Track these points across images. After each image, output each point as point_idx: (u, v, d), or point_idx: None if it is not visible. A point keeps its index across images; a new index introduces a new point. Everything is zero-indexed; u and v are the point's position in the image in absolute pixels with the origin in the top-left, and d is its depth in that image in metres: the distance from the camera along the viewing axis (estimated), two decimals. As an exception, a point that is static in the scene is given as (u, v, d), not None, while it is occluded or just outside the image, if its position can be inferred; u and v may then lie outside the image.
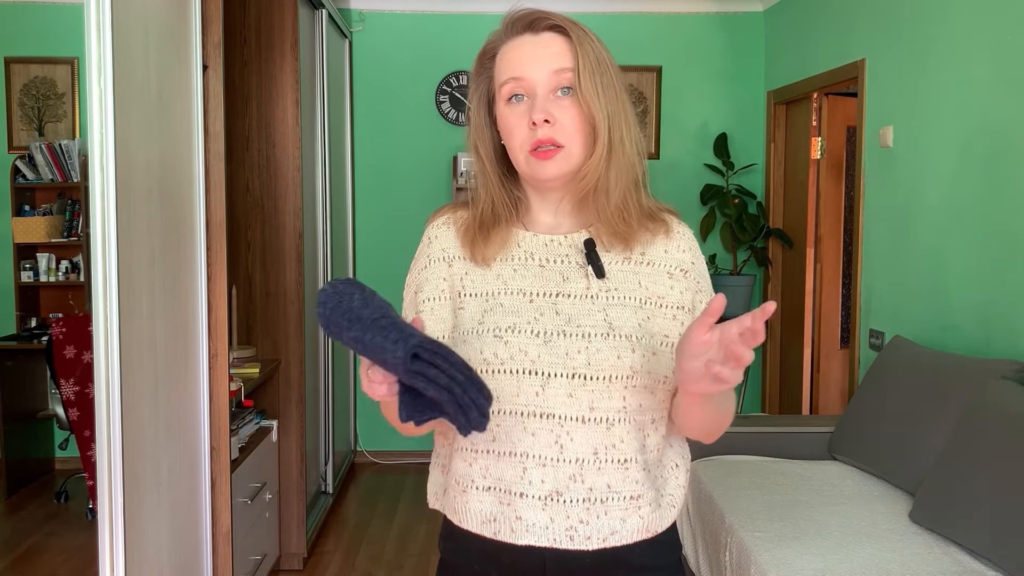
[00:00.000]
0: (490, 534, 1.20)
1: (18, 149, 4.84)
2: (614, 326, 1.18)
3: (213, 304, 2.49)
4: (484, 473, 1.20)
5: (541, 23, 1.20)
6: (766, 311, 0.94)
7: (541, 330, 1.18)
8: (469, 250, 1.25)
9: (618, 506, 1.19)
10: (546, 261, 1.23)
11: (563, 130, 1.17)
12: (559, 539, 1.18)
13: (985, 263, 2.87)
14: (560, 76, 1.17)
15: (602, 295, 1.20)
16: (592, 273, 1.21)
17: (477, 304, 1.22)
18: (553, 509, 1.17)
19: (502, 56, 1.21)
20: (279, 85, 3.44)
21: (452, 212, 1.31)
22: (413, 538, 3.90)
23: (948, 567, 2.17)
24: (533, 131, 1.17)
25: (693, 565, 2.86)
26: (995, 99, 2.82)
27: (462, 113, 4.95)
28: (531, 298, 1.21)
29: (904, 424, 2.72)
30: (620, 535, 1.19)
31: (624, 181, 1.21)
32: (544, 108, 1.16)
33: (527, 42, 1.20)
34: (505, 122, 1.20)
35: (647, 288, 1.22)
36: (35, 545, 3.80)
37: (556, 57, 1.18)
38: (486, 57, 1.25)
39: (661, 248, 1.25)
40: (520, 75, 1.18)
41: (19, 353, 4.45)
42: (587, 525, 1.18)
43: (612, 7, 4.82)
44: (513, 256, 1.24)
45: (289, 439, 3.51)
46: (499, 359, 1.17)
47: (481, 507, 1.20)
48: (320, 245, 4.01)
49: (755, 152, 4.95)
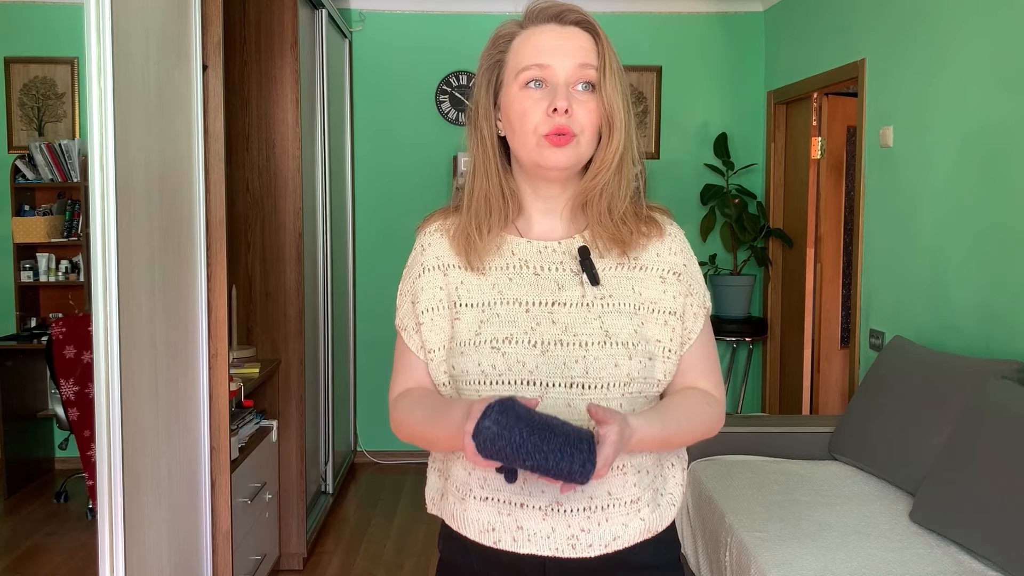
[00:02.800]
0: (490, 543, 1.19)
1: (18, 149, 4.84)
2: (610, 334, 1.17)
3: (213, 304, 2.49)
4: (483, 484, 1.19)
5: (570, 15, 1.19)
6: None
7: (538, 340, 1.17)
8: (464, 256, 1.24)
9: (619, 512, 1.19)
10: (541, 269, 1.23)
11: (578, 121, 1.17)
12: (561, 548, 1.17)
13: (985, 263, 2.87)
14: (584, 71, 1.17)
15: (597, 303, 1.20)
16: (587, 280, 1.21)
17: (473, 315, 1.21)
18: (554, 519, 1.17)
19: (524, 40, 1.20)
20: (279, 85, 3.44)
21: (443, 219, 1.30)
22: (413, 538, 3.90)
23: (948, 567, 2.17)
24: (551, 118, 1.16)
25: (693, 565, 2.86)
26: (995, 99, 2.82)
27: (462, 113, 4.95)
28: (527, 307, 1.20)
29: (904, 424, 2.72)
30: (622, 539, 1.19)
31: (629, 185, 1.22)
32: (567, 97, 1.16)
33: (553, 31, 1.19)
34: (518, 106, 1.18)
35: (640, 294, 1.22)
36: (35, 545, 3.80)
37: (581, 51, 1.18)
38: (500, 41, 1.23)
39: (654, 252, 1.24)
40: (545, 62, 1.17)
41: (19, 353, 4.44)
42: (589, 533, 1.17)
43: (612, 7, 4.82)
44: (508, 264, 1.23)
45: (289, 439, 3.51)
46: (497, 371, 1.17)
47: (479, 516, 1.20)
48: (320, 245, 4.01)
49: (755, 152, 4.95)
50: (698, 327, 1.25)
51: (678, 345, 1.22)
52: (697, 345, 1.25)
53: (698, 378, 1.25)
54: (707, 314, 1.27)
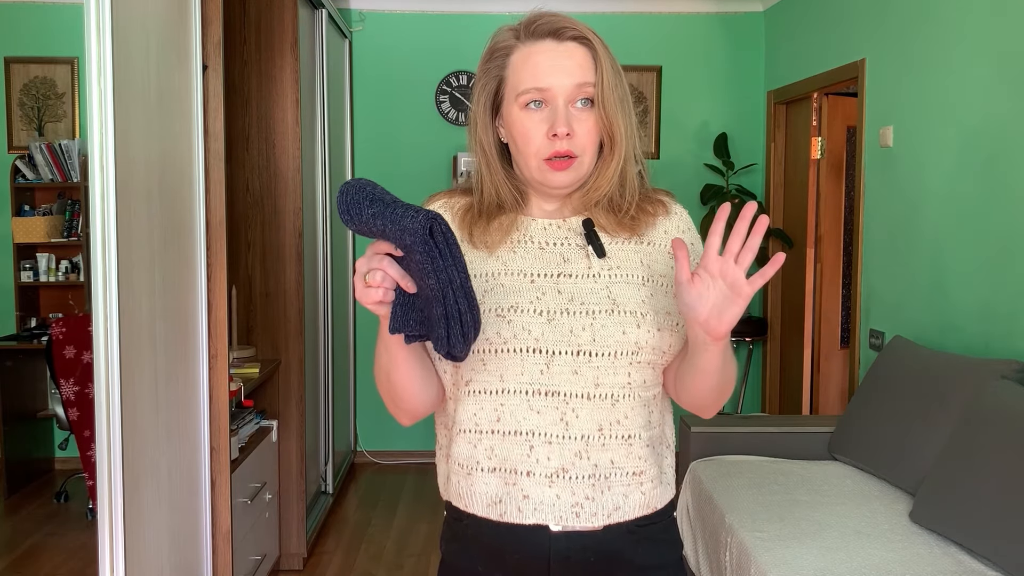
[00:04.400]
0: (496, 516, 1.20)
1: (18, 149, 4.84)
2: (618, 302, 1.19)
3: (213, 304, 2.49)
4: (489, 454, 1.20)
5: (566, 32, 1.19)
6: (758, 226, 1.14)
7: (544, 309, 1.18)
8: (468, 234, 1.25)
9: (621, 482, 1.20)
10: (546, 244, 1.24)
11: (579, 142, 1.18)
12: (565, 516, 1.18)
13: (985, 263, 2.87)
14: (582, 90, 1.18)
15: (604, 273, 1.21)
16: (593, 253, 1.22)
17: (477, 285, 1.21)
18: (559, 486, 1.18)
19: (523, 60, 1.20)
20: (279, 85, 3.44)
21: (448, 197, 1.31)
22: (413, 538, 3.90)
23: (948, 567, 2.17)
24: (551, 142, 1.17)
25: (693, 565, 2.86)
26: (995, 99, 2.82)
27: (462, 113, 4.95)
28: (532, 278, 1.21)
29: (904, 424, 2.72)
30: (623, 511, 1.20)
31: (633, 188, 1.24)
32: (566, 121, 1.17)
33: (550, 49, 1.19)
34: (520, 127, 1.19)
35: (649, 267, 1.23)
36: (35, 545, 3.80)
37: (579, 69, 1.18)
38: (496, 54, 1.23)
39: (661, 229, 1.26)
40: (543, 85, 1.17)
41: (19, 353, 4.44)
42: (592, 501, 1.18)
43: (612, 7, 4.82)
44: (512, 239, 1.24)
45: (289, 439, 3.51)
46: (502, 338, 1.17)
47: (487, 489, 1.20)
48: (320, 245, 4.01)
49: (755, 152, 4.96)
50: None
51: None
52: None
53: None
54: None
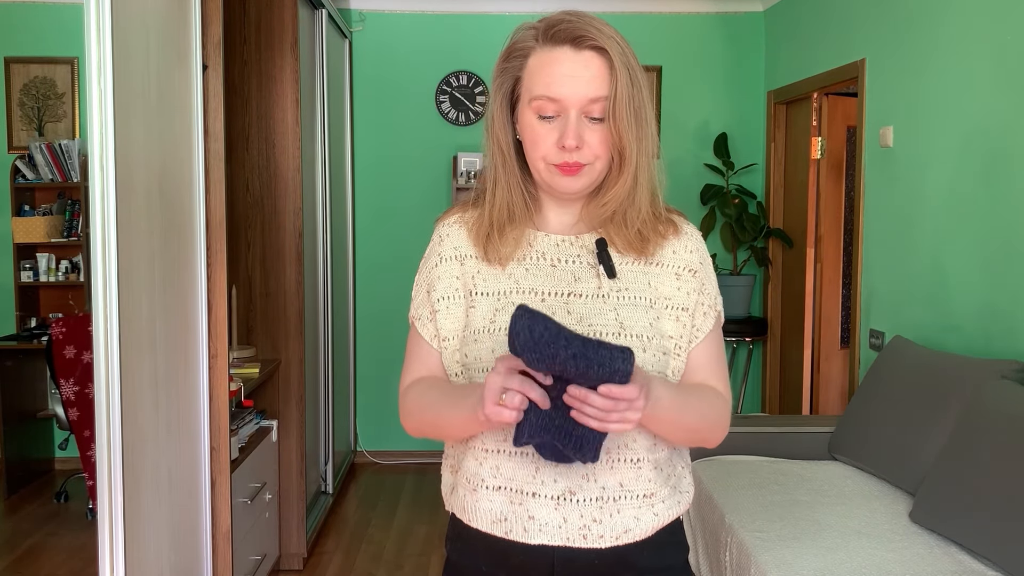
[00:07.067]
0: (501, 533, 1.19)
1: (18, 149, 4.84)
2: (625, 326, 1.18)
3: (213, 304, 2.49)
4: (495, 473, 1.19)
5: (585, 41, 1.16)
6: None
7: None
8: (482, 249, 1.24)
9: (631, 504, 1.19)
10: (558, 261, 1.24)
11: (590, 151, 1.17)
12: (572, 538, 1.17)
13: (985, 263, 2.87)
14: (594, 105, 1.16)
15: (613, 295, 1.21)
16: (603, 273, 1.21)
17: (489, 303, 1.22)
18: (566, 508, 1.17)
19: (539, 65, 1.18)
20: (279, 85, 3.44)
21: (462, 212, 1.31)
22: (413, 538, 3.90)
23: (948, 567, 2.17)
24: (561, 152, 1.17)
25: (693, 565, 2.86)
26: (995, 99, 2.82)
27: (462, 113, 4.95)
28: (543, 297, 1.21)
29: (904, 424, 2.72)
30: (634, 532, 1.19)
31: (645, 205, 1.23)
32: (577, 133, 1.15)
33: (567, 58, 1.16)
34: (532, 132, 1.19)
35: (656, 289, 1.23)
36: (35, 545, 3.80)
37: (594, 82, 1.16)
38: (515, 54, 1.21)
39: (670, 249, 1.25)
40: (557, 96, 1.16)
41: (19, 353, 4.44)
42: (600, 524, 1.17)
43: (612, 7, 4.82)
44: (525, 256, 1.24)
45: (289, 439, 3.51)
46: None
47: (491, 507, 1.19)
48: (320, 245, 4.01)
49: (755, 152, 4.95)
50: (707, 326, 1.25)
51: (687, 342, 1.23)
52: (706, 344, 1.25)
53: (708, 378, 1.25)
54: (718, 317, 1.27)
